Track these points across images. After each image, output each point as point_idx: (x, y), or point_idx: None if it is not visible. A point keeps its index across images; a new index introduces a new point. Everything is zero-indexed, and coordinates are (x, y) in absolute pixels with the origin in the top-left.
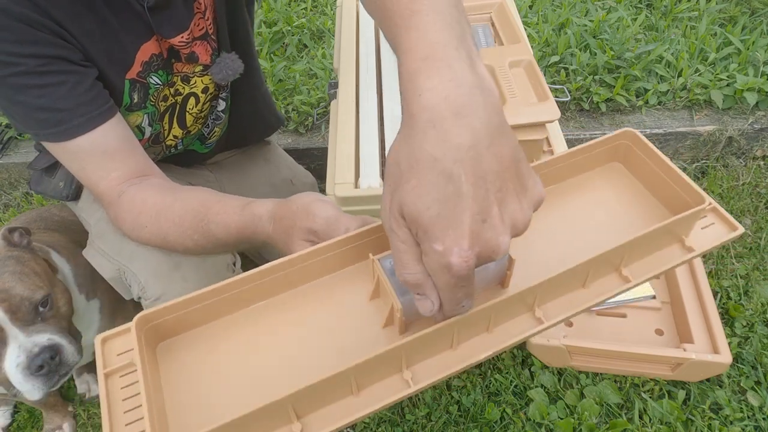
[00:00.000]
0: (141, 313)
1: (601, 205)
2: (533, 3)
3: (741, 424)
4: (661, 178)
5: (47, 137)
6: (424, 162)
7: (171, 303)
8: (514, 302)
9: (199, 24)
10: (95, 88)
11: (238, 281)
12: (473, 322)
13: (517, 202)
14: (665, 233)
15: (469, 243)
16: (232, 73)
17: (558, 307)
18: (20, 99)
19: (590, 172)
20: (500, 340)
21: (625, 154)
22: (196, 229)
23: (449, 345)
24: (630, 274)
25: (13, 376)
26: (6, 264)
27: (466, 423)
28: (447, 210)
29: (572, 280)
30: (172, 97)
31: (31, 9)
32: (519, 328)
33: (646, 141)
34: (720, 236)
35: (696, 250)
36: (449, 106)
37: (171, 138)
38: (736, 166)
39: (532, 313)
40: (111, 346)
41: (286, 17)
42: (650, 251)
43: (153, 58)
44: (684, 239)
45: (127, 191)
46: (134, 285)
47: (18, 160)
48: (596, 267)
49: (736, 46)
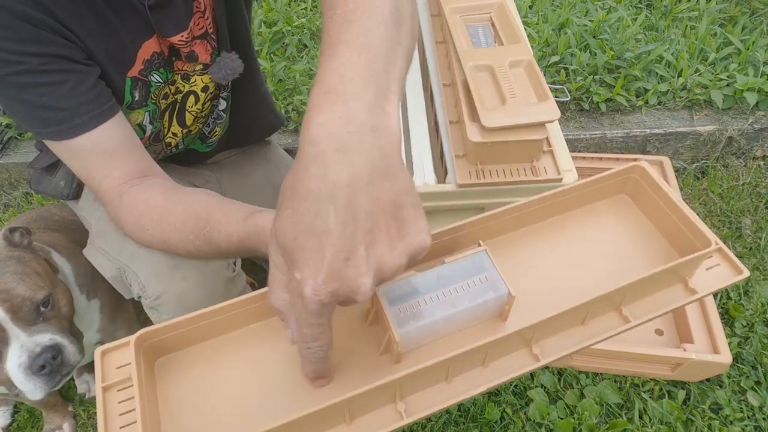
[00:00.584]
0: (141, 330)
1: (607, 237)
2: (533, 3)
3: (741, 424)
4: (668, 216)
5: (49, 136)
6: (301, 193)
7: (172, 321)
8: (511, 338)
9: (199, 23)
10: (97, 86)
11: (240, 302)
12: (469, 356)
13: (387, 246)
14: (669, 274)
15: (324, 278)
16: (231, 73)
17: (556, 344)
18: (22, 97)
19: (597, 203)
20: (496, 376)
21: (633, 187)
22: (198, 236)
23: (444, 377)
24: (630, 314)
25: (15, 376)
26: (7, 264)
27: (466, 423)
28: (311, 242)
29: (572, 318)
30: (173, 95)
31: (34, 7)
32: (515, 364)
33: (655, 177)
34: (724, 279)
35: (699, 292)
36: (332, 143)
37: (170, 136)
38: (736, 166)
39: (529, 349)
40: (110, 359)
41: (286, 17)
42: (652, 291)
43: (154, 56)
44: (687, 280)
45: (128, 191)
46: (134, 284)
47: (18, 160)
48: (596, 306)
49: (736, 46)
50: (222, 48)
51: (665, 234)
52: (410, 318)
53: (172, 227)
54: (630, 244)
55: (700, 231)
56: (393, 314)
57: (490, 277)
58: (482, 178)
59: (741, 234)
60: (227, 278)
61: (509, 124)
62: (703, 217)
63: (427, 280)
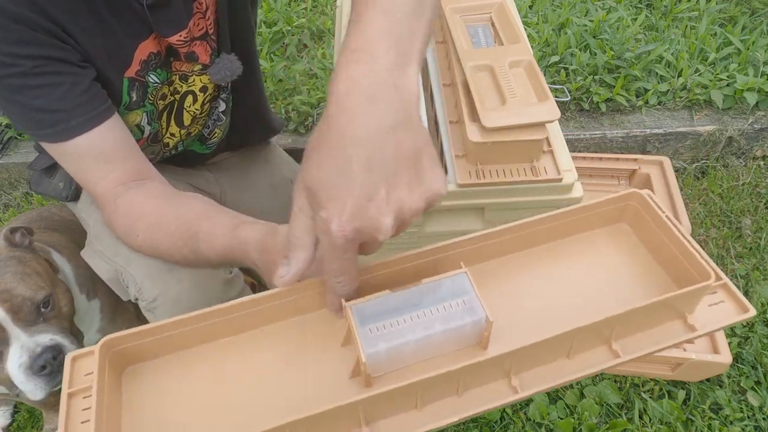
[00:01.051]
0: (107, 337)
1: (603, 267)
2: (533, 3)
3: (741, 424)
4: (667, 246)
5: (45, 137)
6: (329, 141)
7: (140, 329)
8: (487, 366)
9: (199, 24)
10: (93, 88)
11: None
12: (441, 382)
13: (407, 190)
14: (664, 308)
15: (348, 216)
16: (230, 74)
17: (537, 377)
18: (18, 99)
19: (596, 230)
20: (469, 406)
21: (633, 215)
22: (186, 244)
23: (414, 404)
24: (620, 349)
25: (16, 376)
26: (7, 264)
27: (466, 423)
28: (337, 184)
29: (555, 348)
30: (171, 95)
31: (29, 9)
32: (492, 395)
33: (653, 204)
34: (728, 317)
35: (699, 330)
36: (360, 94)
37: (169, 136)
38: (736, 166)
39: (507, 380)
40: (80, 365)
41: (286, 17)
42: (647, 326)
43: (151, 57)
44: (687, 316)
45: (123, 195)
46: (131, 287)
47: (18, 160)
48: (583, 337)
49: (736, 46)
50: (222, 49)
51: (665, 267)
52: (380, 338)
53: (163, 234)
54: (628, 276)
55: (699, 263)
56: (363, 333)
57: (468, 301)
58: (482, 178)
59: (741, 234)
60: (224, 280)
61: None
62: (703, 217)
63: (402, 300)
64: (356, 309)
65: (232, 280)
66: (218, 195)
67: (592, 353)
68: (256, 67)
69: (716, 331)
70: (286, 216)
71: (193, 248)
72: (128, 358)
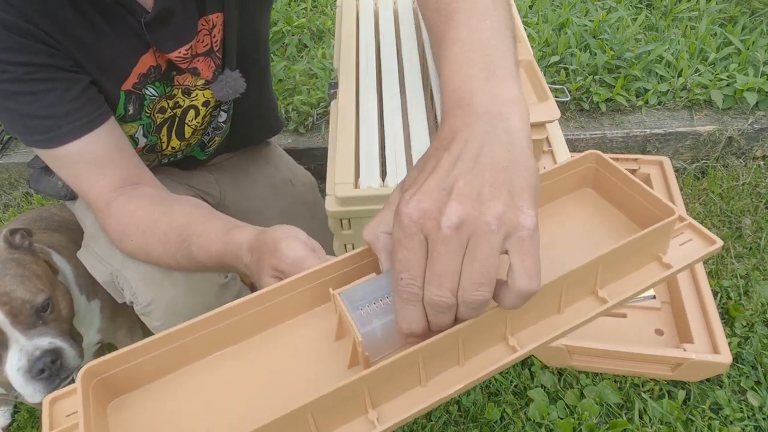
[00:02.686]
0: (87, 365)
1: (575, 230)
2: (533, 3)
3: (741, 424)
4: (631, 197)
5: (36, 143)
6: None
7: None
8: (484, 327)
9: (204, 40)
10: (86, 94)
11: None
12: (442, 352)
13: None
14: (639, 250)
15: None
16: (232, 92)
17: (533, 334)
18: (9, 105)
19: (561, 198)
20: (472, 372)
21: (594, 178)
22: (179, 249)
23: (417, 381)
24: (607, 296)
25: (15, 380)
26: (7, 267)
27: (466, 423)
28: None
29: (546, 302)
30: (171, 109)
31: (19, 17)
32: (492, 358)
33: (610, 161)
34: (698, 251)
35: (674, 266)
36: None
37: (169, 149)
38: (736, 166)
39: (505, 342)
40: (60, 407)
41: (286, 17)
42: (628, 271)
43: (151, 70)
44: (662, 257)
45: (116, 200)
46: (126, 290)
47: (18, 160)
48: (570, 288)
49: (736, 46)
50: (227, 65)
51: (634, 218)
52: (373, 316)
53: (156, 239)
54: (601, 233)
55: (662, 203)
56: (356, 317)
57: None
58: None
59: (741, 234)
60: (219, 284)
61: None
62: (703, 217)
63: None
64: (345, 295)
65: (227, 284)
66: (218, 196)
67: (581, 304)
68: (265, 78)
69: (690, 265)
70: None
71: (186, 253)
72: (111, 390)
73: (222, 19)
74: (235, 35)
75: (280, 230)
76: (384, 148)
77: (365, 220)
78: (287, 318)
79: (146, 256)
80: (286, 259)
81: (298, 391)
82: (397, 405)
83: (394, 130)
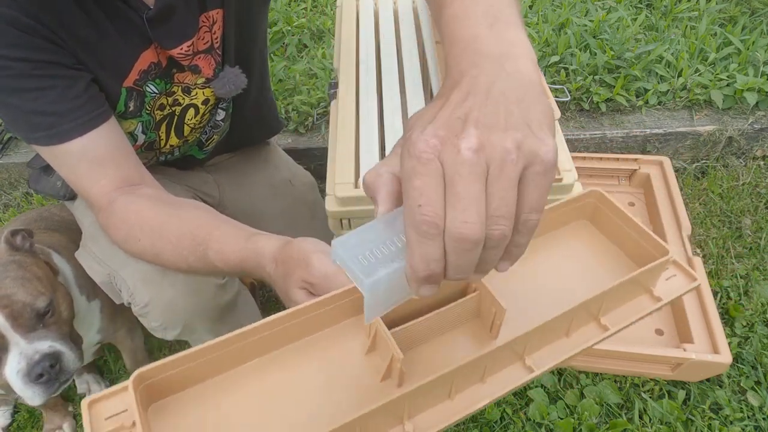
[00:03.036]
0: (138, 370)
1: (572, 261)
2: (533, 3)
3: (741, 424)
4: (627, 234)
5: (37, 140)
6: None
7: (172, 358)
8: (505, 351)
9: (204, 37)
10: (88, 91)
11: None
12: (468, 372)
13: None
14: (635, 284)
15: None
16: (234, 89)
17: (546, 356)
18: (11, 101)
19: (559, 230)
20: (494, 390)
21: (592, 212)
22: (193, 252)
23: (447, 395)
24: (608, 323)
25: (14, 383)
26: (8, 269)
27: (466, 423)
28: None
29: (557, 329)
30: (170, 107)
31: (23, 13)
32: (512, 377)
33: (611, 199)
34: (682, 286)
35: (663, 299)
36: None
37: (168, 147)
38: (736, 166)
39: (522, 361)
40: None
41: (286, 17)
42: (623, 301)
43: (151, 67)
44: (652, 290)
45: (118, 199)
46: (124, 290)
47: (18, 160)
48: (577, 316)
49: (736, 46)
50: (227, 62)
51: (627, 252)
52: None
53: (167, 241)
54: (596, 264)
55: (657, 243)
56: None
57: None
58: None
59: (741, 234)
60: (217, 285)
61: None
62: (703, 217)
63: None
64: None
65: (225, 285)
66: (217, 196)
67: (585, 330)
68: (263, 76)
69: (675, 300)
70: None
71: (200, 256)
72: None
73: (222, 15)
74: (234, 31)
75: (308, 243)
76: (384, 148)
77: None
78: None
79: (154, 257)
80: (317, 273)
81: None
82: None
83: (394, 130)
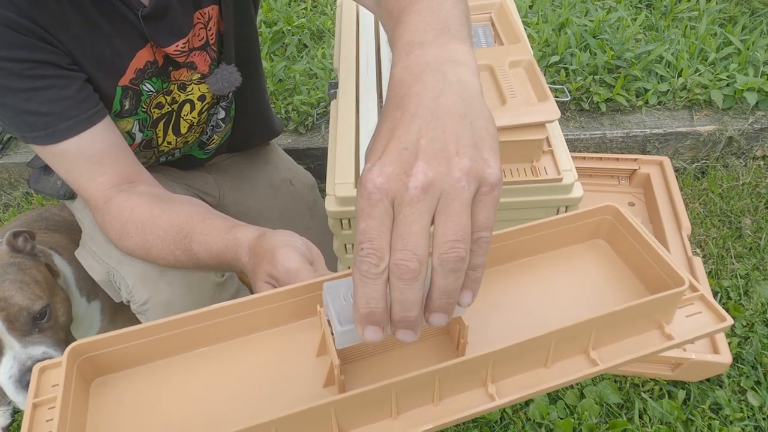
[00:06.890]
0: (75, 342)
1: (580, 282)
2: (533, 3)
3: (741, 424)
4: (643, 258)
5: (34, 140)
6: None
7: (109, 334)
8: (462, 371)
9: (200, 34)
10: (83, 91)
11: (181, 320)
12: (417, 388)
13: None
14: (641, 316)
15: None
16: (228, 86)
17: (514, 385)
18: (6, 102)
19: (572, 246)
20: (445, 414)
21: (609, 231)
22: (179, 246)
23: (388, 413)
24: (598, 358)
25: (6, 387)
26: (7, 272)
27: (466, 423)
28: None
29: (532, 355)
30: (168, 105)
31: (17, 13)
32: (466, 403)
33: (628, 217)
34: (705, 326)
35: (676, 338)
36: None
37: (165, 144)
38: (736, 166)
39: (484, 388)
40: (48, 377)
41: (286, 17)
42: (626, 335)
43: (147, 66)
44: (664, 326)
45: (115, 197)
46: (123, 289)
47: (18, 160)
48: (560, 344)
49: (736, 46)
50: (222, 59)
51: (644, 280)
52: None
53: (155, 236)
54: (606, 290)
55: (674, 271)
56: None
57: None
58: None
59: (741, 234)
60: (215, 283)
61: (509, 124)
62: (703, 217)
63: None
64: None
65: (224, 283)
66: (217, 196)
67: (570, 362)
68: (259, 75)
69: (693, 340)
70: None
71: (186, 249)
72: (97, 368)
73: (217, 11)
74: (230, 27)
75: (279, 237)
76: None
77: None
78: (274, 325)
79: (145, 253)
80: (281, 267)
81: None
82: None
83: None
